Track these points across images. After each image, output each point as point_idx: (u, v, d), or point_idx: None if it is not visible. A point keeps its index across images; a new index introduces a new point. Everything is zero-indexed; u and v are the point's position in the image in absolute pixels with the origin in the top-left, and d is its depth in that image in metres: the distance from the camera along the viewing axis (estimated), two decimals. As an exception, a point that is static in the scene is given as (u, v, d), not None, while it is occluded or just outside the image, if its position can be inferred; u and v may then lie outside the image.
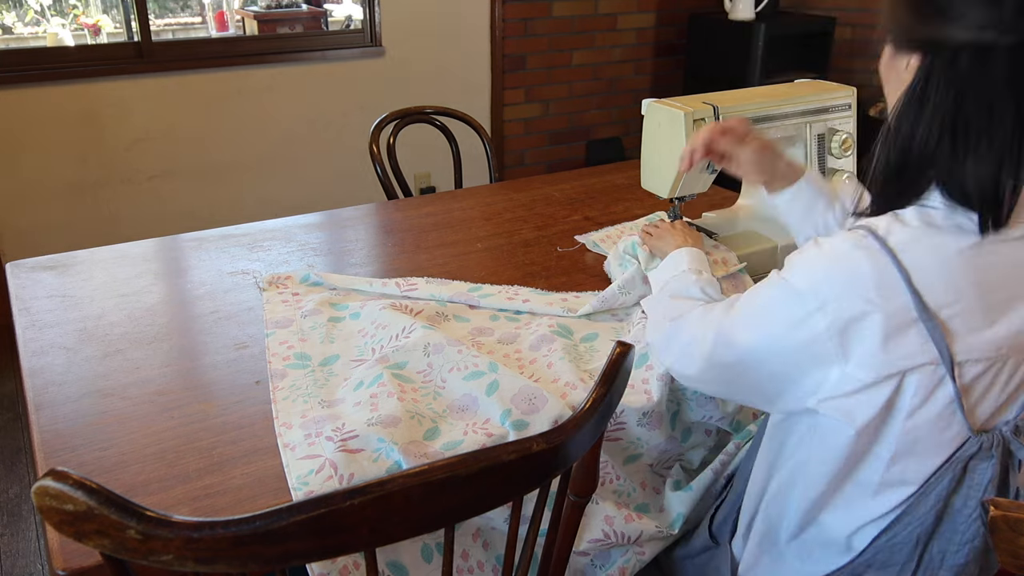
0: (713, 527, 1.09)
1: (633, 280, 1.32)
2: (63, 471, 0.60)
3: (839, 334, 0.78)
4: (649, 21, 3.96)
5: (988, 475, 0.81)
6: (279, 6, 4.00)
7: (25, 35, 3.76)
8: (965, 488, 0.82)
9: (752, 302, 0.89)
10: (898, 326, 0.76)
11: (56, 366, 1.17)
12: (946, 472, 0.81)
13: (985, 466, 0.81)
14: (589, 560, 1.09)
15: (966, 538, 0.84)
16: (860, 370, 0.78)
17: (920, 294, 0.76)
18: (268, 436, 1.02)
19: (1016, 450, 0.82)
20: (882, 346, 0.77)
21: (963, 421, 0.79)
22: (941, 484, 0.82)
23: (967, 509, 0.83)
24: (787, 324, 0.82)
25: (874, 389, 0.79)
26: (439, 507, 0.68)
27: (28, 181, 2.92)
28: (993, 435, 0.81)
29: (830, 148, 1.49)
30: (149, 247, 1.62)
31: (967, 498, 0.83)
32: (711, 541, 1.08)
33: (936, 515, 0.83)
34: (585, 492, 0.85)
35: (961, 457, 0.81)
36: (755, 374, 0.88)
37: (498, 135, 3.77)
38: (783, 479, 0.93)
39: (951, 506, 0.83)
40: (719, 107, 1.36)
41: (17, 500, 2.15)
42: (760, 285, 0.89)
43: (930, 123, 0.78)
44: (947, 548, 0.85)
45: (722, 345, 0.90)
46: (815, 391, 0.83)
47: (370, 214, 1.84)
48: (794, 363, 0.83)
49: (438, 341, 1.17)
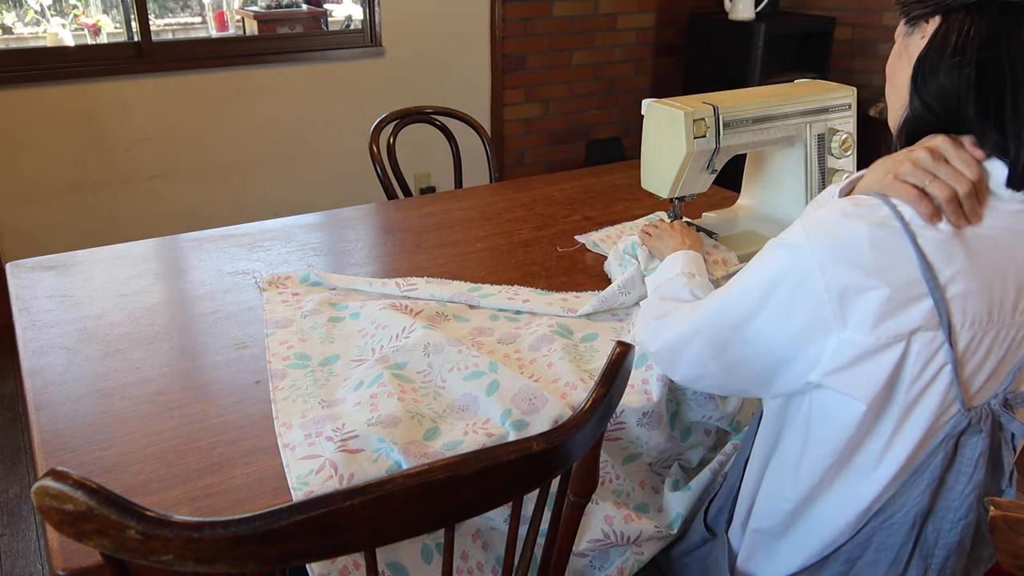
0: (708, 518, 1.10)
1: (633, 280, 1.32)
2: (63, 471, 0.60)
3: (839, 297, 0.76)
4: (649, 21, 3.96)
5: (979, 450, 0.81)
6: (279, 6, 4.00)
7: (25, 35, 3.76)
8: (957, 464, 0.82)
9: (742, 274, 0.86)
10: (903, 295, 0.75)
11: (56, 366, 1.17)
12: (939, 450, 0.81)
13: (975, 441, 0.81)
14: (588, 561, 1.09)
15: (959, 515, 0.84)
16: (860, 334, 0.77)
17: (928, 261, 0.75)
18: (268, 436, 1.02)
19: (1007, 423, 0.82)
20: (885, 312, 0.76)
21: (957, 393, 0.79)
22: (935, 462, 0.82)
23: (959, 485, 0.83)
24: (782, 285, 0.80)
25: (879, 355, 0.77)
26: (439, 507, 0.68)
27: (28, 181, 2.92)
28: (982, 409, 0.81)
29: (830, 148, 1.49)
30: (149, 247, 1.62)
31: (959, 474, 0.83)
32: (707, 533, 1.08)
33: (931, 494, 0.83)
34: (585, 492, 0.85)
35: (953, 433, 0.81)
36: (747, 352, 0.85)
37: (498, 135, 3.77)
38: (780, 466, 0.93)
39: (944, 484, 0.83)
40: (719, 107, 1.36)
41: (17, 500, 2.15)
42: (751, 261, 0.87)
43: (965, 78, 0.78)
44: (941, 526, 0.85)
45: (711, 325, 0.88)
46: (815, 363, 0.80)
47: (370, 214, 1.84)
48: (792, 333, 0.81)
49: (438, 341, 1.17)
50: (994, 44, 0.76)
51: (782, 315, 0.81)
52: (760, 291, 0.83)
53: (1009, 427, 0.82)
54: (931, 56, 0.81)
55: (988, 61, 0.77)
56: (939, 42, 0.80)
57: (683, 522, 1.13)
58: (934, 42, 0.81)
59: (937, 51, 0.80)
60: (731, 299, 0.87)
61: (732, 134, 1.39)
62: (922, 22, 0.83)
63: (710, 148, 1.38)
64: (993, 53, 0.76)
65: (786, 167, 1.53)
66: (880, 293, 0.75)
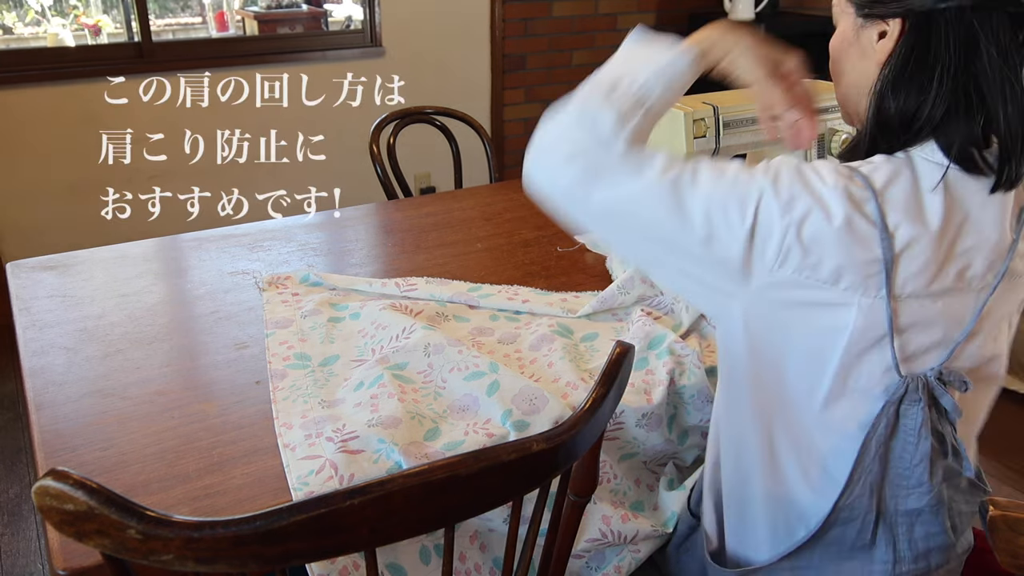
0: (691, 504, 1.11)
1: (632, 280, 1.32)
2: (63, 471, 0.60)
3: (797, 234, 0.76)
4: (649, 21, 3.96)
5: (919, 419, 0.82)
6: (279, 6, 4.00)
7: (25, 35, 3.76)
8: (901, 434, 0.83)
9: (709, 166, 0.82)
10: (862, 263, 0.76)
11: (56, 366, 1.18)
12: (880, 418, 0.82)
13: (915, 410, 0.82)
14: (584, 562, 1.09)
15: (911, 483, 0.85)
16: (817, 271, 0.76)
17: (887, 221, 0.76)
18: (268, 436, 1.02)
19: (940, 396, 0.83)
20: (841, 266, 0.76)
21: (892, 358, 0.80)
22: (879, 431, 0.83)
23: (907, 455, 0.84)
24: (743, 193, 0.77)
25: (828, 290, 0.77)
26: (439, 507, 0.68)
27: (28, 181, 2.92)
28: (918, 379, 0.82)
29: (830, 148, 1.49)
30: (149, 247, 1.62)
31: (904, 443, 0.84)
32: (692, 519, 1.09)
33: (880, 461, 0.84)
34: (585, 492, 0.85)
35: (892, 400, 0.82)
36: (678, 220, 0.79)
37: (498, 135, 3.77)
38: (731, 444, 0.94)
39: (892, 452, 0.84)
40: (719, 107, 1.37)
41: (17, 500, 2.15)
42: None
43: (939, 87, 0.77)
44: (898, 494, 0.86)
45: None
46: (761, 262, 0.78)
47: (370, 214, 1.84)
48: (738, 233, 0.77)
49: (438, 341, 1.17)
50: (971, 51, 0.76)
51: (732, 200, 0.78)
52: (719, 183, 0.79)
53: (942, 400, 0.83)
54: (903, 70, 0.80)
55: (964, 70, 0.77)
56: (910, 54, 0.79)
57: (678, 520, 1.14)
58: (905, 54, 0.80)
59: (908, 64, 0.79)
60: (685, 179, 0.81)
61: (732, 134, 1.39)
62: (879, 20, 0.82)
63: (710, 148, 1.38)
64: (971, 61, 0.76)
65: (786, 167, 1.52)
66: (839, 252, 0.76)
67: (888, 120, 0.82)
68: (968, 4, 0.75)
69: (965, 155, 0.79)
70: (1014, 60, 0.76)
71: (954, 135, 0.79)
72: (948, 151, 0.79)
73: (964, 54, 0.76)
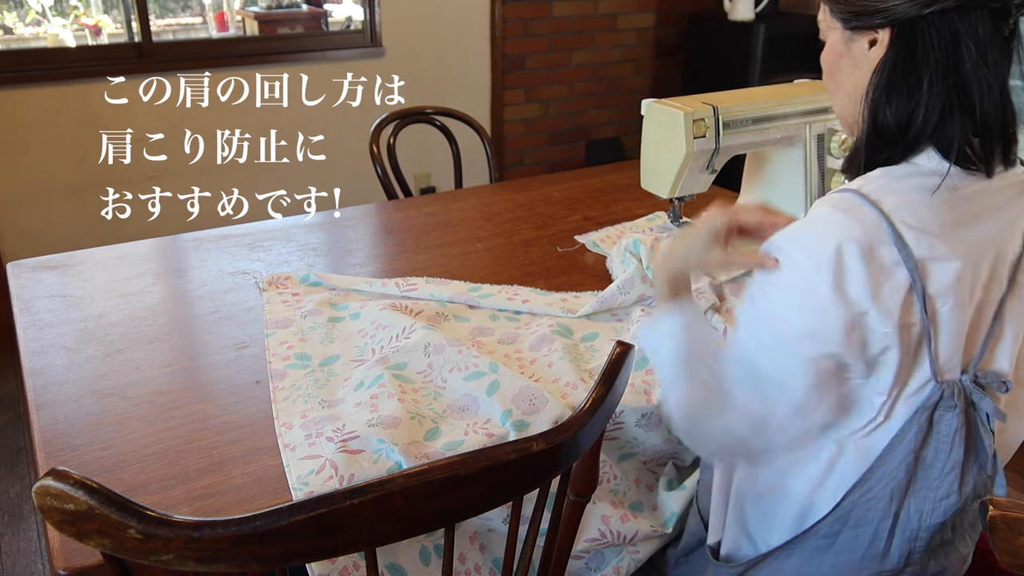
0: (699, 507, 1.10)
1: (632, 280, 1.32)
2: (64, 471, 0.60)
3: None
4: (649, 21, 3.96)
5: (953, 426, 0.82)
6: (279, 6, 4.00)
7: (26, 35, 3.76)
8: (934, 441, 0.83)
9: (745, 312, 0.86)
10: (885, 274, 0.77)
11: (57, 366, 1.18)
12: (912, 423, 0.82)
13: (950, 416, 0.82)
14: (583, 563, 1.09)
15: (940, 494, 0.84)
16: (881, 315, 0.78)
17: (904, 239, 0.77)
18: (268, 436, 1.02)
19: (978, 400, 0.82)
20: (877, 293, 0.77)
21: (930, 364, 0.80)
22: (908, 436, 0.82)
23: (938, 463, 0.83)
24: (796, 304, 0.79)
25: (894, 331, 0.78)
26: (439, 507, 0.68)
27: (28, 181, 2.92)
28: (954, 385, 0.82)
29: (829, 148, 1.49)
30: (149, 247, 1.62)
31: (937, 451, 0.83)
32: (700, 527, 1.08)
33: (907, 470, 0.83)
34: (585, 492, 0.85)
35: (926, 406, 0.81)
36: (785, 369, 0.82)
37: (498, 135, 3.77)
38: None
39: (923, 460, 0.84)
40: (719, 107, 1.37)
41: (18, 500, 2.16)
42: (747, 296, 0.86)
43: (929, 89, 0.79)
44: (923, 507, 0.85)
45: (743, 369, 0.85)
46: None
47: (370, 214, 1.84)
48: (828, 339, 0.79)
49: (438, 341, 1.17)
50: (957, 51, 0.77)
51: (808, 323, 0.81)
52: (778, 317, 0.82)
53: (981, 405, 0.83)
54: (893, 76, 0.81)
55: (953, 71, 0.78)
56: (898, 60, 0.80)
57: (677, 520, 1.13)
58: (893, 61, 0.81)
59: (896, 70, 0.81)
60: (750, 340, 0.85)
61: (732, 134, 1.39)
62: (867, 30, 0.83)
63: (710, 148, 1.38)
64: (959, 61, 0.77)
65: (786, 167, 1.53)
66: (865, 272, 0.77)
67: (885, 128, 0.83)
68: (951, 6, 0.76)
69: (961, 154, 0.80)
70: (994, 56, 0.77)
71: (951, 138, 0.79)
72: (947, 155, 0.80)
73: (950, 55, 0.78)
